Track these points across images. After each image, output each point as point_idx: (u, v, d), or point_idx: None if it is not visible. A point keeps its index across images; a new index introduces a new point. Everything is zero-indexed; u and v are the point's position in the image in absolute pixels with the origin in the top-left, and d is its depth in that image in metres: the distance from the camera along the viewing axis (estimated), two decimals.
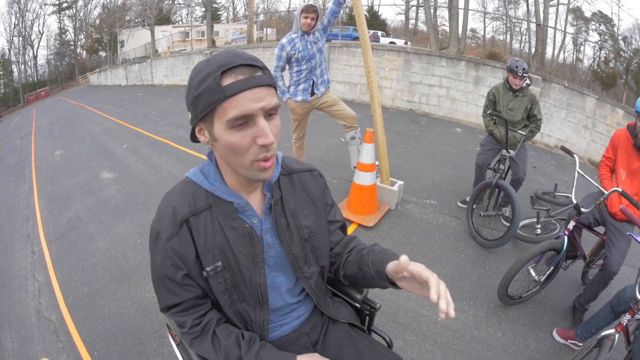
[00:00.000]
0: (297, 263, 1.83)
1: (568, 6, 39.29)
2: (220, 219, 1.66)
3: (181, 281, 1.66)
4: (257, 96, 1.37)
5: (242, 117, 1.37)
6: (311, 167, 1.96)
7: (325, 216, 1.97)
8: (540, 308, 4.59)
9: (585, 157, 11.90)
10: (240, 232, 1.67)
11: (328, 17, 6.04)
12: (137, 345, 4.41)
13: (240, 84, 1.35)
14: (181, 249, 1.62)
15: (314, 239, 1.86)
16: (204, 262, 1.65)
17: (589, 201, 4.27)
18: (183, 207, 1.64)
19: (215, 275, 1.67)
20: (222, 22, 54.77)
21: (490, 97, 6.04)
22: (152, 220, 1.70)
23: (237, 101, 1.35)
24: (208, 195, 1.67)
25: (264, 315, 1.81)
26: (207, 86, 1.37)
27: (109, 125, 17.64)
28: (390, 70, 15.35)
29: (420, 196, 7.21)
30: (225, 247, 1.66)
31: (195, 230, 1.63)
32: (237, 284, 1.72)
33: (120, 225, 7.25)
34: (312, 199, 1.88)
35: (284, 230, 1.77)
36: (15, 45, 67.54)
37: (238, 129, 1.40)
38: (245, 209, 1.70)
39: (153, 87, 33.07)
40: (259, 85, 1.38)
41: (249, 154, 1.44)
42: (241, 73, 1.38)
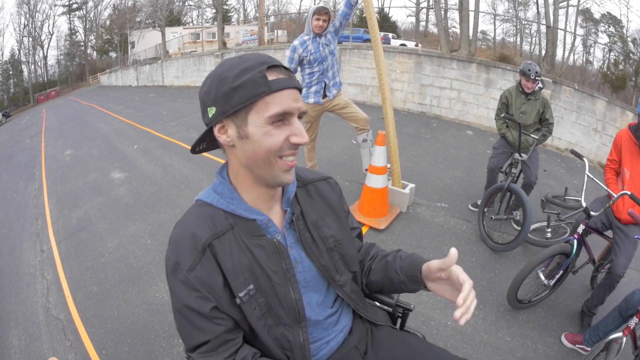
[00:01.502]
0: (328, 274, 1.74)
1: (578, 7, 39.20)
2: (245, 238, 1.54)
3: (209, 314, 1.46)
4: (295, 96, 1.39)
5: (283, 113, 1.35)
6: (326, 176, 1.92)
7: (347, 222, 1.90)
8: (549, 312, 4.56)
9: (595, 160, 11.80)
10: (267, 249, 1.56)
11: (340, 19, 6.03)
12: (145, 345, 4.42)
13: (284, 82, 1.36)
14: (207, 278, 1.47)
15: (340, 246, 1.79)
16: (235, 287, 1.50)
17: (598, 205, 4.25)
18: (203, 231, 1.50)
19: (249, 300, 1.52)
20: (232, 24, 54.91)
21: (503, 101, 6.01)
22: (167, 250, 1.54)
23: (281, 97, 1.35)
24: (227, 215, 1.55)
25: (303, 335, 1.68)
26: (251, 78, 1.34)
27: (120, 125, 17.73)
28: (402, 73, 15.31)
29: (431, 199, 7.18)
30: (254, 267, 1.54)
31: (220, 254, 1.49)
32: (271, 306, 1.58)
33: (130, 225, 7.27)
34: (332, 207, 1.83)
35: (310, 244, 1.69)
36: (25, 46, 67.89)
37: (275, 126, 1.37)
38: (268, 226, 1.60)
39: (164, 88, 33.19)
40: (296, 87, 1.40)
41: (279, 152, 1.40)
42: (281, 73, 1.38)
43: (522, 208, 5.27)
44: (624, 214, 4.01)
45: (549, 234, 5.64)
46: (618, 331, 3.31)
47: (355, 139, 6.89)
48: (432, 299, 4.71)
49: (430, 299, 4.71)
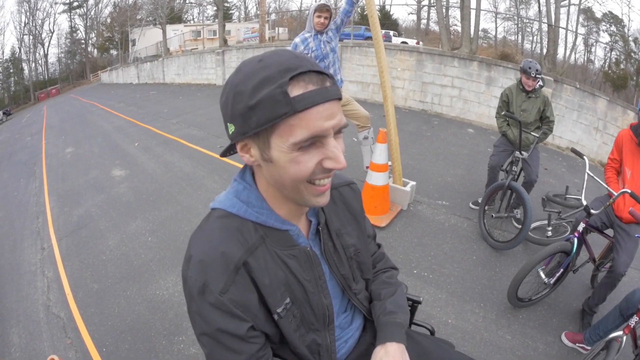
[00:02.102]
0: (346, 283, 1.69)
1: (579, 6, 39.17)
2: (278, 250, 1.42)
3: (246, 335, 1.34)
4: (329, 112, 1.14)
5: (311, 138, 1.13)
6: (349, 181, 1.81)
7: (365, 230, 1.83)
8: (550, 311, 4.56)
9: (596, 159, 11.81)
10: (301, 258, 1.47)
11: (341, 16, 6.03)
12: (146, 343, 4.42)
13: (313, 97, 1.10)
14: (241, 299, 1.33)
15: (359, 255, 1.73)
16: (272, 303, 1.40)
17: (598, 203, 4.25)
18: (234, 248, 1.33)
19: (287, 314, 1.44)
20: (234, 21, 54.87)
21: (503, 98, 6.02)
22: (187, 269, 1.34)
23: (309, 118, 1.11)
24: (257, 227, 1.40)
25: (330, 337, 1.64)
26: (270, 95, 1.10)
27: (121, 123, 17.77)
28: (403, 70, 15.31)
29: (432, 197, 7.19)
30: (289, 280, 1.44)
31: (255, 271, 1.36)
32: (304, 315, 1.51)
33: (131, 222, 7.28)
34: (354, 215, 1.75)
35: (331, 254, 1.61)
36: (25, 44, 68.02)
37: (304, 151, 1.16)
38: (299, 236, 1.49)
39: (165, 85, 33.29)
40: (331, 99, 1.14)
41: (310, 176, 1.20)
42: (311, 82, 1.12)
43: (522, 206, 5.27)
44: (625, 213, 4.01)
45: (549, 232, 5.64)
46: (618, 330, 3.32)
47: (356, 136, 6.86)
48: (432, 296, 4.73)
49: (431, 296, 4.73)
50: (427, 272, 5.18)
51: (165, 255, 6.03)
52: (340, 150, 1.18)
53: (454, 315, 4.46)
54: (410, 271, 5.19)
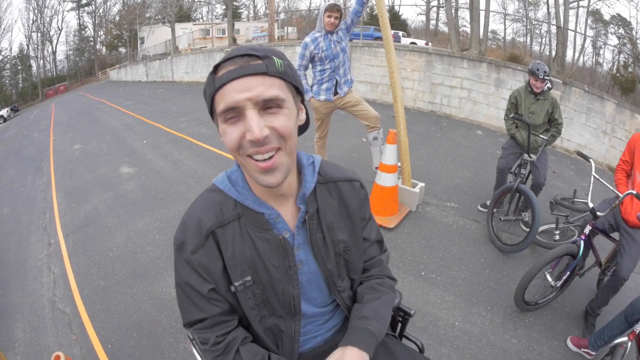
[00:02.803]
0: (331, 278, 1.73)
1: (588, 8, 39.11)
2: (250, 230, 1.55)
3: (207, 295, 1.55)
4: (244, 86, 1.24)
5: (229, 109, 1.27)
6: (352, 177, 1.81)
7: (361, 230, 1.82)
8: (556, 315, 4.54)
9: (604, 163, 11.76)
10: (272, 244, 1.56)
11: (351, 16, 6.02)
12: (152, 340, 4.42)
13: (229, 74, 1.26)
14: (207, 262, 1.52)
15: (349, 253, 1.75)
16: (232, 276, 1.54)
17: (605, 206, 4.23)
18: (209, 218, 1.53)
19: (245, 290, 1.56)
20: (242, 20, 54.96)
21: (512, 101, 5.98)
22: (176, 229, 1.59)
23: (225, 92, 1.26)
24: (237, 204, 1.56)
25: (295, 327, 1.71)
26: (207, 81, 1.35)
27: (129, 120, 17.81)
28: (412, 71, 15.26)
29: (440, 198, 7.16)
30: (255, 260, 1.55)
31: (222, 242, 1.53)
32: (267, 298, 1.61)
33: (139, 220, 7.29)
34: (349, 212, 1.75)
35: (319, 246, 1.66)
36: (33, 41, 68.40)
37: (230, 124, 1.30)
38: (276, 221, 1.58)
39: (173, 83, 33.35)
40: (250, 74, 1.25)
41: (242, 149, 1.32)
42: (233, 64, 1.28)
43: (530, 209, 5.25)
44: (633, 216, 3.98)
45: (557, 236, 5.62)
46: (623, 336, 3.33)
47: (365, 136, 6.86)
48: (439, 299, 4.71)
49: (438, 299, 4.71)
50: (434, 274, 5.16)
51: (173, 253, 5.96)
52: (257, 122, 1.25)
53: (461, 318, 4.44)
54: (418, 273, 5.16)
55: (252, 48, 1.31)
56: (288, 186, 1.55)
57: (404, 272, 5.16)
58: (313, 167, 1.67)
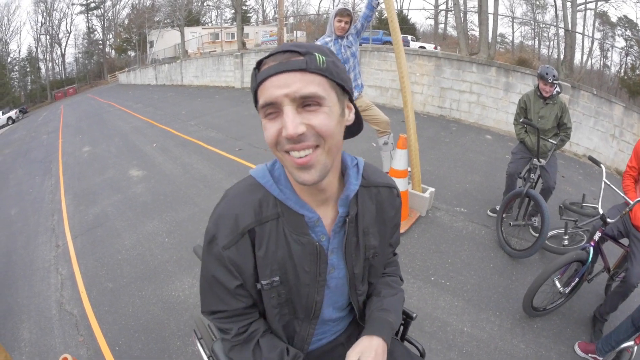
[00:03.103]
0: (355, 282, 1.71)
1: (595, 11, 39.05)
2: (287, 231, 1.51)
3: (234, 291, 1.56)
4: (282, 82, 1.22)
5: (268, 104, 1.25)
6: (392, 184, 1.77)
7: (390, 237, 1.83)
8: (564, 320, 4.51)
9: (612, 167, 11.69)
10: (307, 249, 1.53)
11: (361, 21, 6.02)
12: (160, 343, 4.42)
13: (268, 70, 1.24)
14: (239, 260, 1.51)
15: (376, 259, 1.74)
16: (261, 274, 1.53)
17: (615, 212, 4.18)
18: (247, 215, 1.49)
19: (270, 289, 1.55)
20: (252, 24, 55.02)
21: (521, 105, 5.98)
22: (210, 218, 1.56)
23: (265, 87, 1.25)
24: (277, 203, 1.51)
25: (310, 329, 1.72)
26: (251, 76, 1.34)
27: (138, 123, 17.89)
28: (422, 76, 15.27)
29: (450, 203, 7.15)
30: (286, 262, 1.53)
31: (257, 241, 1.50)
32: (290, 299, 1.61)
33: (148, 223, 7.30)
34: (384, 219, 1.73)
35: (352, 250, 1.63)
36: (42, 43, 68.63)
37: (269, 119, 1.28)
38: (315, 225, 1.54)
39: (183, 87, 33.51)
40: (289, 71, 1.23)
41: (280, 146, 1.29)
42: (274, 60, 1.26)
43: (540, 214, 5.23)
44: None
45: (566, 241, 5.59)
46: (630, 340, 3.32)
47: (375, 141, 6.86)
48: (449, 304, 4.70)
49: (448, 304, 4.70)
50: (444, 279, 5.14)
51: (182, 257, 6.03)
52: (292, 119, 1.22)
53: (470, 323, 4.43)
54: (428, 278, 5.15)
55: (295, 44, 1.28)
56: (329, 186, 1.51)
57: (414, 278, 5.15)
58: (357, 169, 1.63)
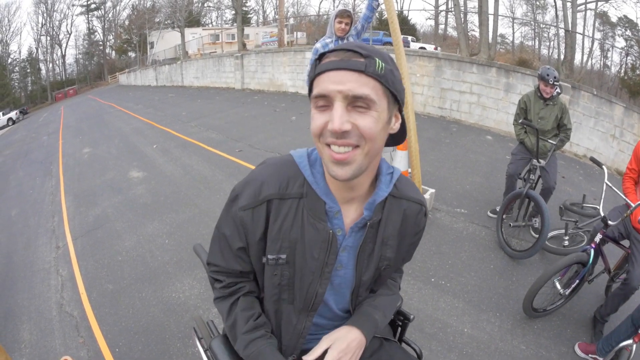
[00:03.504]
0: (359, 289, 1.72)
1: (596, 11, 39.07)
2: (306, 213, 1.54)
3: (235, 252, 1.62)
4: (339, 79, 1.24)
5: (321, 96, 1.28)
6: (424, 201, 1.75)
7: (405, 253, 1.81)
8: (564, 321, 4.53)
9: (612, 167, 11.70)
10: (320, 235, 1.54)
11: (362, 22, 6.02)
12: (160, 345, 4.42)
13: (329, 64, 1.27)
14: (250, 224, 1.55)
15: (386, 271, 1.75)
16: (269, 248, 1.56)
17: (616, 214, 4.19)
18: (272, 186, 1.54)
19: (275, 265, 1.58)
20: (252, 25, 55.07)
21: (521, 106, 6.00)
22: (241, 180, 1.62)
23: (322, 80, 1.28)
24: (305, 184, 1.54)
25: (306, 323, 1.72)
26: (310, 66, 1.44)
27: (139, 124, 17.92)
28: (422, 76, 15.32)
29: (451, 204, 7.16)
30: (297, 243, 1.56)
31: (274, 213, 1.54)
32: (293, 284, 1.62)
33: (148, 224, 7.30)
34: (405, 234, 1.72)
35: (365, 256, 1.64)
36: (42, 44, 68.74)
37: (320, 110, 1.31)
38: (335, 216, 1.56)
39: (183, 88, 33.57)
40: (347, 69, 1.25)
41: (323, 138, 1.32)
42: (336, 56, 1.29)
43: (540, 215, 5.25)
44: None
45: (566, 241, 5.60)
46: (629, 339, 3.34)
47: None
48: (449, 305, 4.71)
49: (448, 305, 4.71)
50: (444, 280, 5.15)
51: (182, 258, 6.03)
52: (340, 115, 1.24)
53: (470, 324, 4.43)
54: (428, 279, 5.15)
55: (359, 46, 1.30)
56: (359, 187, 1.52)
57: (414, 279, 5.15)
58: (391, 178, 1.62)
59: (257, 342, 1.61)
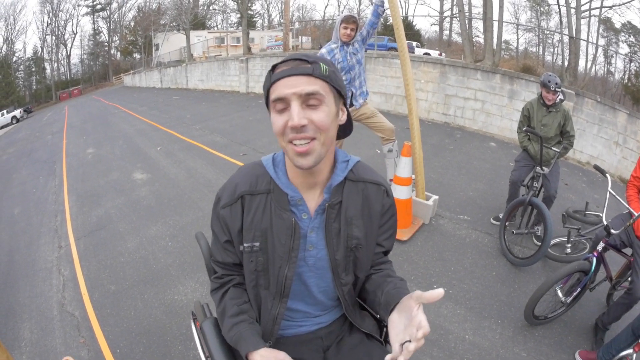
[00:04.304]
0: (337, 269, 1.87)
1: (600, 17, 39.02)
2: (274, 206, 1.78)
3: (223, 244, 1.89)
4: (292, 83, 1.49)
5: (279, 99, 1.51)
6: (381, 182, 1.93)
7: (376, 233, 1.95)
8: (565, 329, 4.51)
9: (615, 174, 11.62)
10: (285, 223, 1.76)
11: (367, 28, 6.03)
12: (161, 347, 4.42)
13: (282, 73, 1.52)
14: (229, 219, 1.82)
15: (360, 250, 1.87)
16: (245, 237, 1.80)
17: (618, 222, 4.16)
18: (244, 184, 1.81)
19: (250, 253, 1.81)
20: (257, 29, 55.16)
21: (524, 113, 5.99)
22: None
23: (277, 86, 1.52)
24: (271, 181, 1.80)
25: (280, 309, 1.89)
26: (265, 77, 1.62)
27: (143, 126, 17.92)
28: (426, 82, 15.28)
29: (454, 211, 7.15)
30: (267, 232, 1.78)
31: (247, 207, 1.80)
32: (267, 270, 1.83)
33: (151, 226, 7.30)
34: (371, 213, 1.88)
35: (332, 235, 1.82)
36: (48, 44, 68.83)
37: (279, 112, 1.54)
38: (298, 203, 1.78)
39: (188, 91, 33.50)
40: (298, 74, 1.50)
41: (285, 136, 1.55)
42: (287, 65, 1.54)
43: (543, 223, 5.24)
44: None
45: (568, 249, 5.60)
46: (629, 348, 3.35)
47: (379, 148, 6.87)
48: (451, 312, 4.70)
49: (450, 312, 4.70)
50: (447, 287, 5.14)
51: (185, 261, 6.03)
52: (297, 112, 1.50)
53: (472, 331, 4.42)
54: (431, 286, 5.11)
55: (304, 54, 1.57)
56: (319, 173, 1.74)
57: (417, 285, 5.14)
58: (346, 165, 1.83)
59: (240, 325, 1.80)
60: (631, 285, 3.91)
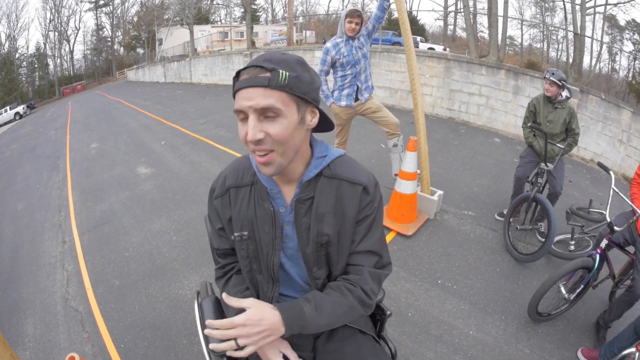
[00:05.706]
0: (308, 263, 1.91)
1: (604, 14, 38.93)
2: (257, 197, 1.87)
3: (217, 232, 2.04)
4: (248, 95, 1.49)
5: (238, 111, 1.54)
6: (358, 181, 1.85)
7: (351, 233, 1.89)
8: (568, 326, 4.52)
9: (619, 172, 11.63)
10: (267, 213, 1.85)
11: (372, 22, 6.02)
12: (166, 341, 4.43)
13: (240, 83, 1.53)
14: (220, 209, 1.96)
15: (330, 246, 1.87)
16: (234, 227, 1.92)
17: (622, 220, 4.16)
18: (231, 178, 1.94)
19: (241, 241, 1.91)
20: (261, 24, 55.05)
21: (530, 109, 5.98)
22: None
23: (237, 97, 1.53)
24: (254, 174, 1.89)
25: (274, 293, 1.99)
26: (232, 83, 1.60)
27: (147, 121, 17.89)
28: (431, 77, 15.23)
29: (458, 207, 7.14)
30: (253, 221, 1.88)
31: (233, 199, 1.92)
32: (257, 255, 1.92)
33: (156, 220, 7.30)
34: (344, 211, 1.85)
35: (302, 230, 1.86)
36: (50, 40, 68.78)
37: (241, 122, 1.57)
38: (276, 196, 1.86)
39: (192, 85, 33.50)
40: (254, 86, 1.49)
41: (248, 145, 1.58)
42: (247, 74, 1.52)
43: (547, 219, 5.23)
44: None
45: (572, 246, 5.59)
46: (631, 347, 3.36)
47: (384, 142, 6.86)
48: (455, 307, 4.71)
49: (454, 307, 4.71)
50: (451, 282, 5.15)
51: (190, 255, 6.04)
52: (252, 127, 1.52)
53: (475, 327, 4.43)
54: (435, 281, 5.15)
55: (266, 59, 1.54)
56: (291, 172, 1.80)
57: (421, 280, 5.15)
58: (322, 161, 1.84)
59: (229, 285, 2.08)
60: (632, 283, 3.92)
